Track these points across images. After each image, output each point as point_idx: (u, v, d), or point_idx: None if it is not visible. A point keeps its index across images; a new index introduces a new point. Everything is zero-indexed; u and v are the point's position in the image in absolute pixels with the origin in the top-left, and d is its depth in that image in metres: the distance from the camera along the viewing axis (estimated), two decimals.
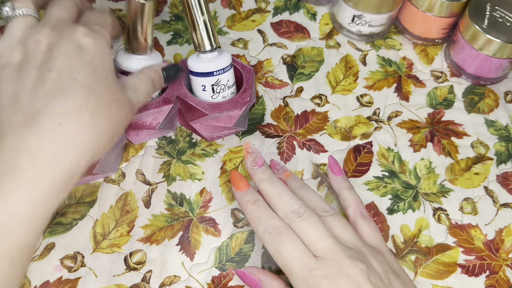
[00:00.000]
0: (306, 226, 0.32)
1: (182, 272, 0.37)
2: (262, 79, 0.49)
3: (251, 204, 0.35)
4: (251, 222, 0.34)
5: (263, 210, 0.34)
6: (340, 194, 0.39)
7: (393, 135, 0.46)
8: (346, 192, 0.38)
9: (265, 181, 0.35)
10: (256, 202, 0.35)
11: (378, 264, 0.32)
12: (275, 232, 0.33)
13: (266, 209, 0.34)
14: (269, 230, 0.33)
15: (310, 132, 0.46)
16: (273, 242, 0.32)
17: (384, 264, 0.32)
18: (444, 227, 0.41)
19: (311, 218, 0.33)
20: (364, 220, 0.36)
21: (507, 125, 0.48)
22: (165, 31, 0.52)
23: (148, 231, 0.39)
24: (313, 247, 0.32)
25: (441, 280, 0.38)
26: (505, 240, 0.41)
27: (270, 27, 0.53)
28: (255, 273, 0.35)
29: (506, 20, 0.47)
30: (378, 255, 0.33)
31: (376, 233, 0.36)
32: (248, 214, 0.35)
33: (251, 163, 0.36)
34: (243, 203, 0.35)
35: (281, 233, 0.32)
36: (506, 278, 0.39)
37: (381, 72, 0.51)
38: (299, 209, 0.33)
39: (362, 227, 0.36)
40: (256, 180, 0.36)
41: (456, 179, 0.44)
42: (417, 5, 0.50)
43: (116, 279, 0.37)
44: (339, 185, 0.39)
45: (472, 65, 0.49)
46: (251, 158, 0.36)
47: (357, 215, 0.36)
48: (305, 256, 0.31)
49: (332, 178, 0.40)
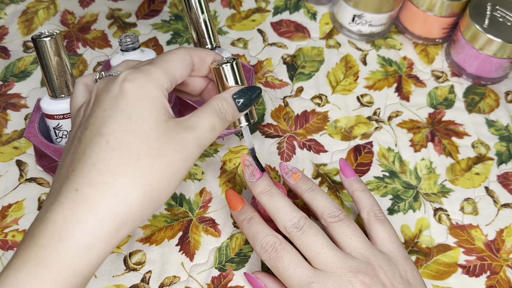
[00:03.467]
0: (307, 239, 0.32)
1: (182, 272, 0.37)
2: (262, 79, 0.49)
3: (246, 223, 0.34)
4: (248, 240, 0.34)
5: (258, 228, 0.33)
6: (353, 196, 0.37)
7: (394, 135, 0.46)
8: (359, 193, 0.37)
9: (264, 194, 0.34)
10: (251, 220, 0.34)
11: (386, 275, 0.31)
12: (271, 248, 0.32)
13: (261, 226, 0.34)
14: (265, 247, 0.32)
15: (310, 132, 0.45)
16: (269, 259, 0.32)
17: (394, 275, 0.31)
18: (444, 228, 0.41)
19: (311, 230, 0.32)
20: (379, 223, 0.34)
21: (507, 125, 0.48)
22: (165, 31, 0.52)
23: (147, 231, 0.39)
24: (313, 260, 0.31)
25: (441, 280, 0.38)
26: (505, 240, 0.41)
27: (270, 26, 0.53)
28: (262, 278, 0.35)
29: (507, 20, 0.47)
30: (388, 265, 0.32)
31: (391, 237, 0.34)
32: (244, 233, 0.34)
33: (249, 176, 0.35)
34: (239, 223, 0.35)
35: (276, 249, 0.32)
36: (507, 279, 0.39)
37: (381, 72, 0.51)
38: (298, 222, 0.32)
39: (377, 231, 0.34)
40: (255, 193, 0.35)
41: (457, 179, 0.44)
42: (418, 5, 0.50)
43: (115, 280, 0.36)
44: (351, 187, 0.37)
45: (472, 65, 0.49)
46: (249, 171, 0.35)
47: (371, 218, 0.35)
48: (302, 270, 0.31)
49: (345, 180, 0.38)
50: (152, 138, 0.26)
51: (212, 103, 0.29)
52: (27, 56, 0.49)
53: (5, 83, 0.47)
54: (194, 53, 0.30)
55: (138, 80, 0.26)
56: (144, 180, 0.25)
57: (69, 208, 0.24)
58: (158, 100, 0.26)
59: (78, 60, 0.49)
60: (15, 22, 0.52)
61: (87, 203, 0.24)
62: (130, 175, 0.25)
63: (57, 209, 0.24)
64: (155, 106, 0.26)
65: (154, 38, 0.51)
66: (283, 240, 0.32)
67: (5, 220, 0.39)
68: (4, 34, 0.51)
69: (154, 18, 0.53)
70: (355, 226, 0.33)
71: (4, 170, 0.41)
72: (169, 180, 0.26)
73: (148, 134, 0.25)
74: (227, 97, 0.30)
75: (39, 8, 0.53)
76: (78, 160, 0.25)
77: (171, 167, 0.26)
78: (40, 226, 0.24)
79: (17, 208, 0.39)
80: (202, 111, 0.28)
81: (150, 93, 0.26)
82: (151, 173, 0.25)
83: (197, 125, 0.27)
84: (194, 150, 0.27)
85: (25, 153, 0.42)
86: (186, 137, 0.27)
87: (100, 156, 0.25)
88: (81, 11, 0.53)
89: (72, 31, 0.51)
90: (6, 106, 0.45)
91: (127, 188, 0.25)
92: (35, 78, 0.47)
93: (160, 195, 0.26)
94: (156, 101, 0.26)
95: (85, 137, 0.26)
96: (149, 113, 0.26)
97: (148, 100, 0.26)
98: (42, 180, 0.41)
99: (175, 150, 0.26)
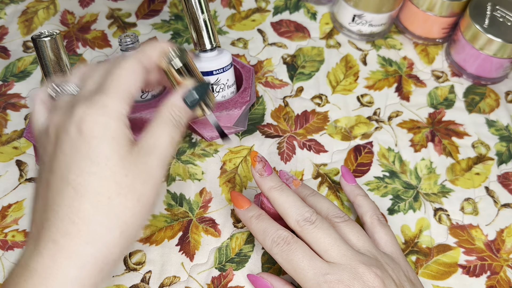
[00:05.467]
0: (320, 233, 0.32)
1: (182, 272, 0.37)
2: (262, 79, 0.49)
3: (255, 219, 0.34)
4: (257, 236, 0.34)
5: (267, 223, 0.34)
6: (355, 201, 0.38)
7: (394, 135, 0.46)
8: (361, 198, 0.38)
9: (275, 189, 0.34)
10: (260, 217, 0.34)
11: (393, 272, 0.32)
12: (283, 242, 0.32)
13: (271, 222, 0.34)
14: (276, 241, 0.32)
15: (310, 132, 0.45)
16: (282, 252, 0.32)
17: (399, 272, 0.32)
18: (445, 228, 0.41)
19: (323, 224, 0.33)
20: (381, 227, 0.36)
21: (508, 125, 0.48)
22: (165, 31, 0.52)
23: (147, 231, 0.39)
24: (326, 253, 0.32)
25: (441, 280, 0.38)
26: (506, 240, 0.41)
27: (270, 26, 0.53)
28: (268, 278, 0.35)
29: (507, 20, 0.47)
30: (393, 264, 0.33)
31: (393, 240, 0.35)
32: (253, 229, 0.34)
33: (260, 171, 0.35)
34: (246, 219, 0.35)
35: (289, 242, 0.32)
36: (507, 279, 0.39)
37: (381, 72, 0.51)
38: (311, 217, 0.33)
39: (379, 234, 0.35)
40: (265, 188, 0.35)
41: (457, 179, 0.44)
42: (418, 5, 0.50)
43: (115, 280, 0.36)
44: (353, 192, 0.38)
45: (472, 65, 0.49)
46: (260, 166, 0.35)
47: (375, 221, 0.36)
48: (317, 261, 0.31)
49: (346, 186, 0.39)
50: (119, 176, 0.26)
51: (163, 113, 0.29)
52: (27, 56, 0.49)
53: (5, 83, 0.47)
54: (142, 56, 0.29)
55: (95, 117, 0.26)
56: (118, 221, 0.26)
57: (48, 258, 0.25)
58: (118, 132, 0.26)
59: (78, 60, 0.49)
60: (15, 22, 0.51)
61: (65, 253, 0.25)
62: (103, 220, 0.25)
63: (37, 258, 0.25)
64: (116, 140, 0.26)
65: (154, 38, 0.51)
66: (293, 235, 0.33)
67: (5, 220, 0.39)
68: (4, 34, 0.51)
69: (154, 18, 0.53)
70: (359, 227, 0.34)
71: (4, 170, 0.41)
72: (141, 212, 0.27)
73: (114, 172, 0.26)
74: (177, 101, 0.29)
75: (39, 8, 0.53)
76: (50, 208, 0.26)
77: (141, 200, 0.27)
78: (24, 275, 0.25)
79: (17, 208, 0.39)
80: (157, 125, 0.28)
81: (109, 128, 0.26)
82: (124, 212, 0.26)
83: (157, 145, 0.28)
84: (160, 172, 0.28)
85: (25, 153, 0.42)
86: (150, 163, 0.27)
87: (69, 204, 0.25)
88: (81, 11, 0.53)
89: (72, 31, 0.51)
90: (6, 106, 0.45)
91: (103, 233, 0.26)
92: (35, 78, 0.47)
93: (136, 228, 0.27)
94: (116, 135, 0.26)
95: (52, 182, 0.26)
96: (111, 150, 0.26)
97: (108, 137, 0.26)
98: None
99: (143, 182, 0.27)
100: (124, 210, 0.26)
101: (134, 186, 0.26)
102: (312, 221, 0.33)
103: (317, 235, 0.32)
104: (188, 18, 0.38)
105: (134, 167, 0.26)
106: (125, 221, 0.26)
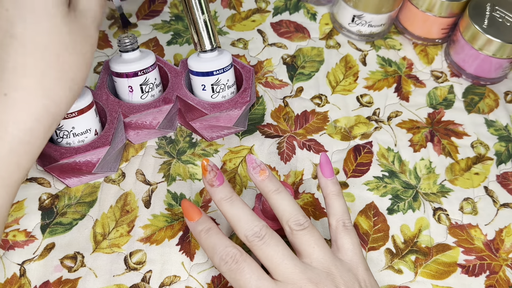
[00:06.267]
0: (268, 249, 0.31)
1: (182, 272, 0.37)
2: (262, 79, 0.49)
3: (204, 234, 0.32)
4: (206, 252, 0.32)
5: (216, 239, 0.32)
6: (326, 199, 0.35)
7: (393, 135, 0.46)
8: (333, 197, 0.35)
9: (225, 201, 0.33)
10: (209, 231, 0.32)
11: (345, 285, 0.31)
12: (231, 260, 0.31)
13: (220, 237, 0.32)
14: (225, 259, 0.31)
15: (310, 132, 0.46)
16: (230, 271, 0.31)
17: (353, 285, 0.31)
18: (444, 227, 0.41)
19: (271, 240, 0.31)
20: (346, 233, 0.34)
21: (507, 125, 0.48)
22: (165, 31, 0.52)
23: (148, 231, 0.39)
24: (274, 271, 0.31)
25: (441, 280, 0.38)
26: (505, 240, 0.41)
27: (270, 27, 0.53)
28: None
29: (506, 20, 0.47)
30: (348, 275, 0.32)
31: (355, 248, 0.33)
32: (202, 245, 0.32)
33: (210, 181, 0.33)
34: (196, 234, 0.33)
35: (237, 261, 0.31)
36: (506, 278, 0.39)
37: (381, 72, 0.51)
38: (260, 231, 0.31)
39: (342, 240, 0.33)
40: (216, 200, 0.33)
41: (456, 179, 0.44)
42: (417, 5, 0.50)
43: (116, 279, 0.37)
44: (327, 188, 0.35)
45: (472, 65, 0.49)
46: (211, 176, 0.33)
47: (340, 226, 0.34)
48: (264, 281, 0.30)
49: (321, 178, 0.36)
50: (64, 34, 0.27)
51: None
52: None
53: None
54: None
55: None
56: (68, 78, 0.27)
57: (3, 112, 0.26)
58: None
59: None
60: None
61: (19, 106, 0.26)
62: (55, 75, 0.27)
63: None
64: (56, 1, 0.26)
65: (155, 38, 0.51)
66: (243, 252, 0.31)
67: None
68: None
69: (154, 19, 0.53)
70: (318, 234, 0.33)
71: None
72: (84, 71, 0.29)
73: (60, 30, 0.27)
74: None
75: None
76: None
77: (85, 57, 0.28)
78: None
79: (17, 208, 0.39)
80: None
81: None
82: (72, 69, 0.28)
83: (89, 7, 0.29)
84: (95, 33, 0.29)
85: None
86: (87, 24, 0.29)
87: (18, 60, 0.26)
88: None
89: None
90: None
91: (55, 88, 0.27)
92: None
93: (81, 86, 0.29)
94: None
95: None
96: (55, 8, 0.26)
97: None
98: (43, 180, 0.41)
99: (83, 41, 0.28)
100: (72, 67, 0.27)
101: (78, 44, 0.28)
102: (261, 236, 0.31)
103: (265, 251, 0.31)
104: (188, 18, 0.38)
105: (74, 26, 0.28)
106: (72, 78, 0.28)
